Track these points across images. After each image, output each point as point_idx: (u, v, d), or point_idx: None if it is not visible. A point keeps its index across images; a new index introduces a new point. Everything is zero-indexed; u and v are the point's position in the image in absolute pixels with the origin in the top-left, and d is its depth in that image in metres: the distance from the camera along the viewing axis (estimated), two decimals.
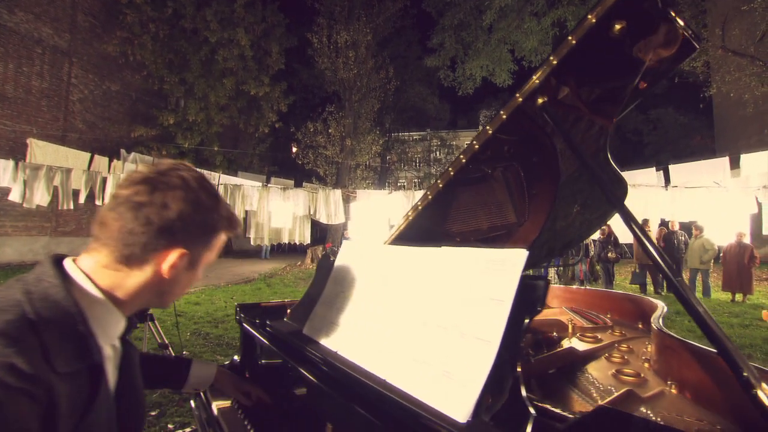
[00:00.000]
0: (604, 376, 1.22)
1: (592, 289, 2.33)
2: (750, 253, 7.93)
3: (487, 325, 0.80)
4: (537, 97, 1.20)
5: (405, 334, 0.98)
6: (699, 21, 12.41)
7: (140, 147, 15.12)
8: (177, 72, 15.56)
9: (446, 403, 0.75)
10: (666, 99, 25.52)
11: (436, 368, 0.83)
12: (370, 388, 0.86)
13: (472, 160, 1.30)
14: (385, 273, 1.21)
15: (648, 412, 0.95)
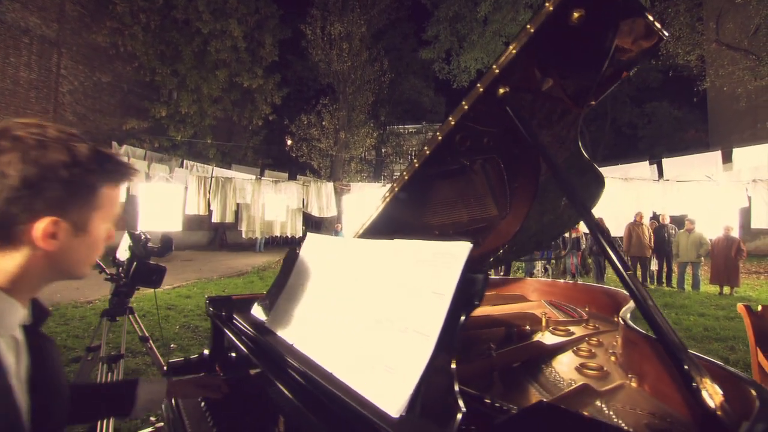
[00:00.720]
0: (567, 370, 1.23)
1: (571, 282, 2.34)
2: (737, 247, 8.00)
3: (427, 319, 0.80)
4: (498, 87, 1.19)
5: (354, 327, 0.98)
6: (694, 14, 12.37)
7: (132, 140, 14.98)
8: (169, 63, 15.38)
9: (382, 397, 0.75)
10: (661, 93, 25.53)
11: (378, 362, 0.83)
12: (315, 381, 0.86)
13: (438, 152, 1.29)
14: (341, 266, 1.21)
15: (602, 406, 0.96)
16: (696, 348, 4.46)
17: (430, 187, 2.12)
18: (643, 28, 1.22)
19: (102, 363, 2.36)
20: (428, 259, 0.91)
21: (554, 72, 1.35)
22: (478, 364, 1.14)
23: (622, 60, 1.40)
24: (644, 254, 8.99)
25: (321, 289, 1.22)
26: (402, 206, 1.77)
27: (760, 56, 10.87)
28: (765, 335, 2.07)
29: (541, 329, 1.70)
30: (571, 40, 1.20)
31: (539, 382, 1.12)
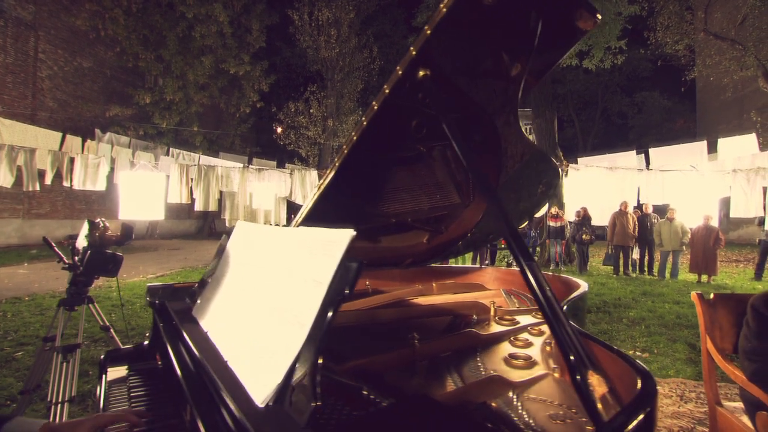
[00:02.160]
0: (495, 360, 1.23)
1: None
2: (716, 236, 8.12)
3: (305, 308, 0.79)
4: (417, 70, 1.16)
5: (253, 316, 0.98)
6: (683, 3, 12.31)
7: (116, 127, 14.71)
8: (153, 49, 15.01)
9: (255, 387, 0.75)
10: (651, 82, 25.58)
11: (264, 352, 0.82)
12: (203, 370, 0.85)
13: (364, 138, 1.25)
14: (254, 254, 1.21)
15: (513, 397, 0.95)
16: (666, 335, 4.54)
17: (384, 174, 2.09)
18: (571, 10, 1.19)
19: (57, 353, 2.33)
20: (316, 247, 0.90)
21: (480, 55, 1.32)
22: (398, 353, 1.13)
23: (555, 44, 1.38)
24: (627, 243, 9.09)
25: (236, 277, 1.22)
26: (349, 193, 1.74)
27: (746, 46, 10.87)
28: (714, 323, 2.10)
29: (488, 318, 1.70)
30: (490, 20, 1.16)
31: (460, 373, 1.12)
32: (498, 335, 1.41)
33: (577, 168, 10.89)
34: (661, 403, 2.95)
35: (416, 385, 1.04)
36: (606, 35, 13.13)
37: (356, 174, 1.62)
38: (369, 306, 1.74)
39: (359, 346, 1.33)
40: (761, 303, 1.69)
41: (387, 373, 1.12)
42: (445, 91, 1.33)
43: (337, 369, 1.06)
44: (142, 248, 14.82)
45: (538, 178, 2.32)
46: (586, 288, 1.84)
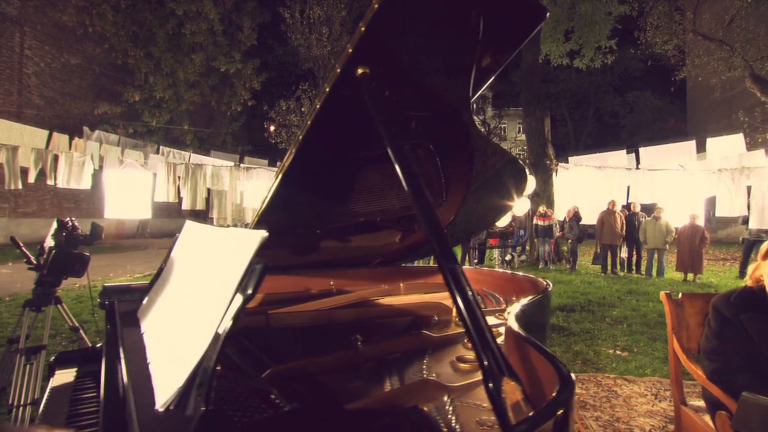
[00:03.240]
0: (442, 363, 1.21)
1: (501, 271, 2.34)
2: (701, 235, 8.18)
3: (215, 310, 0.78)
4: (356, 68, 1.14)
5: (176, 317, 0.96)
6: (672, 4, 12.38)
7: (105, 125, 14.54)
8: (142, 46, 14.85)
9: (161, 390, 0.73)
10: (643, 82, 25.74)
11: (177, 354, 0.80)
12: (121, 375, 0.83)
13: (311, 137, 1.23)
14: (191, 255, 1.19)
15: (447, 401, 0.94)
16: (647, 333, 4.56)
17: (349, 173, 2.06)
18: (515, 5, 1.18)
19: (20, 355, 2.29)
20: (232, 248, 0.88)
21: (424, 51, 1.30)
22: (340, 355, 1.12)
23: (502, 40, 1.36)
24: (615, 242, 9.14)
25: (174, 278, 1.21)
26: (307, 193, 1.71)
27: (733, 47, 10.96)
28: (681, 323, 2.10)
29: (450, 320, 1.69)
30: (427, 15, 1.15)
31: (402, 376, 1.10)
32: (452, 337, 1.40)
33: (567, 167, 10.93)
34: (635, 402, 2.97)
35: (353, 388, 1.02)
36: (596, 35, 13.20)
37: (313, 174, 1.60)
38: (329, 306, 1.71)
39: (307, 347, 1.32)
40: (722, 303, 1.69)
41: (327, 375, 1.10)
42: (390, 90, 1.32)
43: (274, 370, 1.05)
44: (132, 247, 14.69)
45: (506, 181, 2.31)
46: (547, 290, 1.83)
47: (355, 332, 1.31)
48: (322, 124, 1.20)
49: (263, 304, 1.92)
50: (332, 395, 0.97)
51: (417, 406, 0.90)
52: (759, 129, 13.14)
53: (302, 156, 1.30)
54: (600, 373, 3.43)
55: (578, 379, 3.28)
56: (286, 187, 1.43)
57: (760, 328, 1.57)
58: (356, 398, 0.92)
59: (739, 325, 1.61)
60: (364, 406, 0.87)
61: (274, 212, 1.68)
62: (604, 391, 3.10)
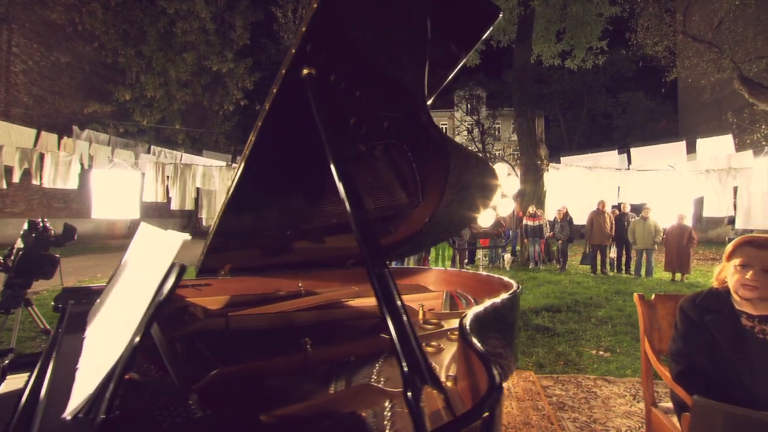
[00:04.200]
0: (393, 368, 1.19)
1: (475, 273, 2.32)
2: (689, 235, 8.24)
3: (134, 314, 0.75)
4: (301, 68, 1.12)
5: (110, 321, 0.94)
6: (662, 5, 12.46)
7: (95, 124, 14.41)
8: (133, 45, 14.73)
9: (75, 397, 0.71)
10: (635, 83, 25.91)
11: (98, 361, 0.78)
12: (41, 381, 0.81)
13: (264, 138, 1.21)
14: (136, 257, 1.16)
15: (387, 406, 0.92)
16: (630, 334, 4.57)
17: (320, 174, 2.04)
18: (466, 6, 1.16)
19: None
20: (159, 250, 0.86)
21: (372, 53, 1.28)
22: (289, 359, 1.10)
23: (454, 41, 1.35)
24: (605, 242, 9.18)
25: (119, 281, 1.17)
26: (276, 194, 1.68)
27: (722, 49, 11.05)
28: (653, 324, 2.10)
29: (416, 321, 1.67)
30: (371, 16, 1.13)
31: (350, 380, 1.08)
32: None
33: (558, 167, 10.97)
34: (614, 403, 2.96)
35: (297, 391, 1.00)
36: (588, 35, 13.27)
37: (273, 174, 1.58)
38: (293, 308, 1.69)
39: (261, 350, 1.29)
40: (688, 305, 1.69)
41: (277, 378, 1.08)
42: (340, 90, 1.30)
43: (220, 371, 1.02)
44: (122, 248, 14.53)
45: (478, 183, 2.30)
46: (508, 294, 1.82)
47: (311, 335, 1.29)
48: (273, 125, 1.18)
49: (229, 306, 1.89)
50: (268, 399, 0.95)
51: (355, 411, 0.88)
52: (747, 130, 13.26)
53: (257, 158, 1.27)
54: (581, 374, 3.43)
55: (558, 381, 3.28)
56: (243, 188, 1.40)
57: (724, 329, 1.56)
58: (294, 402, 0.90)
59: (704, 327, 1.60)
60: (298, 410, 0.85)
61: (234, 214, 1.65)
62: (583, 392, 3.10)
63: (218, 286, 2.04)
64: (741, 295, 1.56)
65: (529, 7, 11.56)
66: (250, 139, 1.22)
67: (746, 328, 1.54)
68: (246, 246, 2.00)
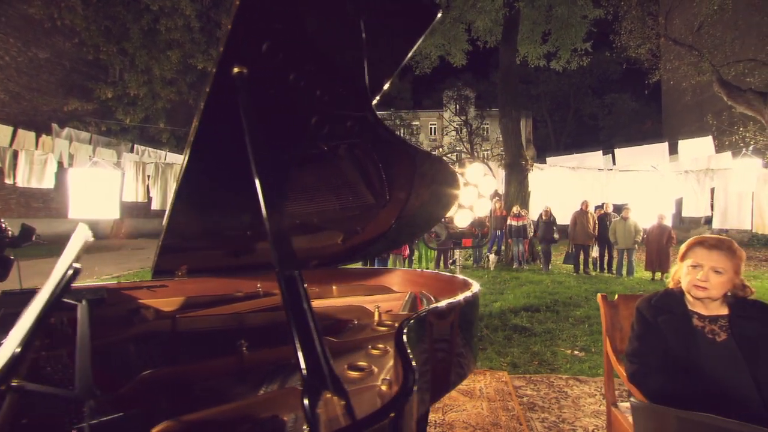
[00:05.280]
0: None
1: (437, 273, 2.31)
2: (668, 234, 8.37)
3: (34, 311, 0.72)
4: (231, 67, 1.09)
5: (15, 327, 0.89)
6: (645, 8, 12.64)
7: (75, 122, 14.10)
8: (115, 41, 14.43)
9: None
10: (621, 85, 26.30)
11: None
12: None
13: (203, 136, 1.17)
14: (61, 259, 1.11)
15: (299, 415, 0.89)
16: None
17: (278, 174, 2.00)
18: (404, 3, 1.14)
19: None
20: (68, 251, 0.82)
21: (306, 52, 1.26)
22: (223, 361, 1.06)
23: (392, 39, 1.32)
24: (587, 242, 9.27)
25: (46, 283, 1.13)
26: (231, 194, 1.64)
27: (702, 52, 11.25)
28: (615, 325, 2.11)
29: (370, 323, 1.64)
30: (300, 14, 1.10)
31: (284, 383, 1.05)
32: (357, 342, 1.35)
33: (542, 167, 11.06)
34: (584, 402, 2.98)
35: (226, 394, 0.97)
36: (572, 37, 13.40)
37: (221, 174, 1.53)
38: (245, 310, 1.65)
39: (202, 352, 1.25)
40: (643, 305, 1.69)
41: (209, 381, 1.04)
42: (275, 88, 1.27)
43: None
44: (104, 248, 14.29)
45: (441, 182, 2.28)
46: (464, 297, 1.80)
47: (257, 337, 1.25)
48: (211, 124, 1.14)
49: (184, 307, 1.85)
50: (193, 402, 0.92)
51: (277, 415, 0.85)
52: (727, 132, 13.53)
53: (199, 158, 1.24)
54: (554, 374, 3.44)
55: (531, 381, 3.28)
56: (188, 189, 1.36)
57: (676, 330, 1.57)
58: (219, 405, 0.87)
59: (657, 327, 1.61)
60: (217, 413, 0.82)
61: (183, 215, 1.61)
62: (555, 392, 3.11)
63: (175, 288, 1.98)
64: (693, 295, 1.56)
65: (514, 8, 11.63)
66: (189, 139, 1.18)
67: (697, 329, 1.54)
68: (203, 247, 1.95)
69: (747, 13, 13.07)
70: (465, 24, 14.37)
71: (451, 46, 14.85)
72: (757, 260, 11.55)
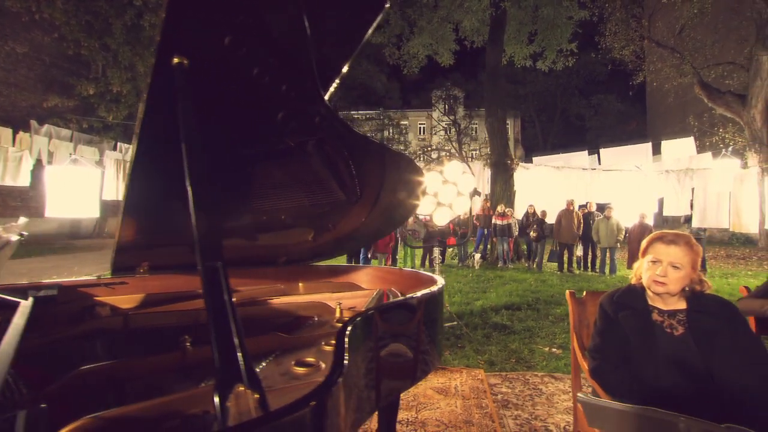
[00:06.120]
0: (282, 367, 1.13)
1: (401, 269, 2.29)
2: (649, 233, 8.46)
3: None
4: (171, 57, 1.05)
5: None
6: (629, 11, 12.84)
7: (56, 119, 13.78)
8: (97, 37, 14.14)
9: None
10: (607, 86, 26.67)
11: None
12: None
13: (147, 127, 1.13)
14: None
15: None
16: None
17: (241, 170, 1.97)
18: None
19: None
20: None
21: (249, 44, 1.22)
22: (164, 357, 1.03)
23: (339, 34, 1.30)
24: (572, 241, 9.36)
25: None
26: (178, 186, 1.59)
27: (683, 55, 11.46)
28: (582, 321, 2.12)
29: (332, 319, 1.62)
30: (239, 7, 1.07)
31: None
32: (311, 339, 1.33)
33: (527, 167, 11.15)
34: (558, 399, 2.99)
35: (163, 391, 0.94)
36: (558, 38, 13.54)
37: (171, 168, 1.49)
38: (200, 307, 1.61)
39: (152, 349, 1.22)
40: (606, 301, 1.69)
41: (149, 378, 1.01)
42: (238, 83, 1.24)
43: None
44: (86, 248, 14.00)
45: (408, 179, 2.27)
46: (442, 284, 1.79)
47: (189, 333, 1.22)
48: (155, 115, 1.10)
49: (143, 304, 1.80)
50: (125, 398, 0.89)
51: (208, 411, 0.83)
52: (708, 133, 13.80)
53: (145, 151, 1.19)
54: (530, 371, 3.45)
55: (507, 378, 3.29)
56: (139, 184, 1.32)
57: (636, 325, 1.57)
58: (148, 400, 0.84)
59: (618, 323, 1.61)
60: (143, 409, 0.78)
61: (136, 211, 1.56)
62: (529, 389, 3.12)
63: (136, 285, 1.94)
64: (652, 291, 1.57)
65: (500, 8, 11.70)
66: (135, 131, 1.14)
67: (656, 323, 1.55)
68: (163, 243, 1.91)
69: (726, 17, 13.36)
70: (452, 24, 14.42)
71: (438, 46, 14.90)
72: (736, 258, 11.80)
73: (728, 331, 1.45)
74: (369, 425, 2.45)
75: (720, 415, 1.22)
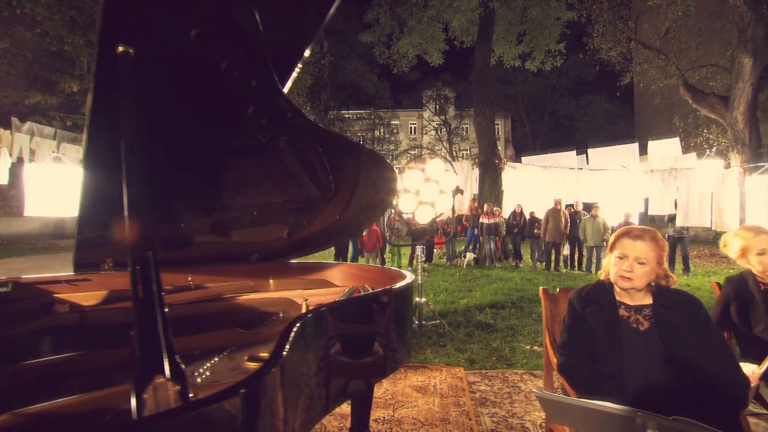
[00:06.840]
0: (235, 362, 1.11)
1: (380, 267, 2.27)
2: None
3: None
4: (115, 46, 1.02)
5: None
6: (616, 13, 12.96)
7: (38, 116, 13.49)
8: (81, 32, 13.88)
9: None
10: (596, 87, 26.96)
11: None
12: None
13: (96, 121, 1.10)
14: None
15: None
16: None
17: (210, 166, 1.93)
18: None
19: None
20: None
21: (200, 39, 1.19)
22: (113, 352, 1.00)
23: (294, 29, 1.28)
24: (559, 240, 9.43)
25: None
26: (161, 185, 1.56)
27: (668, 56, 11.61)
28: (555, 318, 2.11)
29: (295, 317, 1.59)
30: None
31: None
32: (269, 335, 1.30)
33: (515, 166, 11.20)
34: (536, 396, 2.99)
35: (106, 386, 0.90)
36: (546, 38, 13.65)
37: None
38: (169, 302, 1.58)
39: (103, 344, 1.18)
40: (575, 297, 1.69)
41: (98, 373, 0.98)
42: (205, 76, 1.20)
43: None
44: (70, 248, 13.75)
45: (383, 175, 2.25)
46: (410, 280, 1.78)
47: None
48: (103, 105, 1.06)
49: (106, 301, 1.76)
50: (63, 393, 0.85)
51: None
52: (693, 134, 14.01)
53: (96, 144, 1.15)
54: (510, 369, 3.45)
55: (486, 376, 3.29)
56: (93, 179, 1.28)
57: (602, 321, 1.57)
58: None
59: (585, 319, 1.61)
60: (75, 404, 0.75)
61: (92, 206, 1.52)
62: (508, 387, 3.11)
63: (100, 281, 1.89)
64: (619, 286, 1.57)
65: (489, 8, 11.74)
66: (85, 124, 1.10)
67: (623, 319, 1.55)
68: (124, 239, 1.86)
69: (710, 20, 13.59)
70: (442, 23, 14.46)
71: (428, 46, 14.92)
72: (719, 257, 11.99)
73: (692, 326, 1.45)
74: (344, 423, 2.43)
75: (683, 409, 1.22)
